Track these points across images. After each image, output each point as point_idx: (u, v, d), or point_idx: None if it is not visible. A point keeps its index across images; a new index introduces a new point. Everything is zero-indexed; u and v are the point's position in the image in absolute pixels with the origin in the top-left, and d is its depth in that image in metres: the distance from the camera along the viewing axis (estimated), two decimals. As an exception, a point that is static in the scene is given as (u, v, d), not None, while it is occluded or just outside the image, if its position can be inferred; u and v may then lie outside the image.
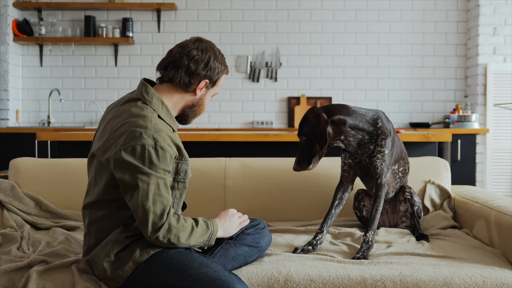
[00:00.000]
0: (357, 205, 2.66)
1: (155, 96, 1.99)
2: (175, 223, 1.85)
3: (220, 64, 2.05)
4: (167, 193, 1.87)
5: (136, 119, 1.89)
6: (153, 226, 1.83)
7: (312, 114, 2.27)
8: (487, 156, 5.52)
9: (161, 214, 1.83)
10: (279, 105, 5.89)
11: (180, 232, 1.86)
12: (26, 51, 5.88)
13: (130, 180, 1.84)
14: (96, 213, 1.96)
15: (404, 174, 2.59)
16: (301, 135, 2.31)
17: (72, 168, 2.82)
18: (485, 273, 2.04)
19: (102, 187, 1.93)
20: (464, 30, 5.86)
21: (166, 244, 1.87)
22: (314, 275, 2.01)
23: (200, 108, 2.08)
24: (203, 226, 1.95)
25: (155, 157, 1.84)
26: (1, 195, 2.67)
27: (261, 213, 2.78)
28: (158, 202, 1.84)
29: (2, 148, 5.18)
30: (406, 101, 5.91)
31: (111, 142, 1.89)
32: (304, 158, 2.30)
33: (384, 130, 2.37)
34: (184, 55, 1.99)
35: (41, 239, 2.41)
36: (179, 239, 1.86)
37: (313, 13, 5.88)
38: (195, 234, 1.91)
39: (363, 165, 2.44)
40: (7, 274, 1.94)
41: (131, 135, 1.85)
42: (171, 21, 5.81)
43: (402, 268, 2.05)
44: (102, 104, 5.88)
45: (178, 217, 1.88)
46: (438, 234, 2.55)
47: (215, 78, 2.04)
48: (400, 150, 2.53)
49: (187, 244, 1.90)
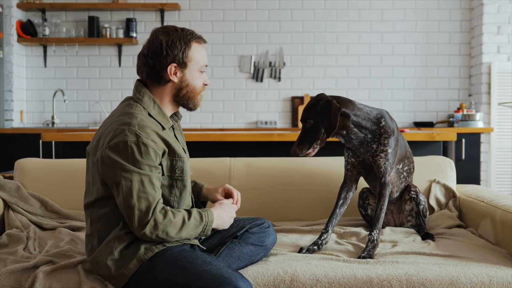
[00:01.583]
0: (361, 203, 2.65)
1: (147, 94, 1.98)
2: (162, 219, 1.84)
3: (179, 41, 1.95)
4: (153, 190, 1.86)
5: (123, 117, 1.91)
6: (139, 222, 1.83)
7: (323, 100, 2.25)
8: (492, 155, 5.51)
9: (146, 210, 1.83)
10: (283, 104, 5.89)
11: (168, 227, 1.85)
12: (30, 52, 5.89)
13: (114, 177, 1.84)
14: (97, 212, 1.96)
15: (409, 174, 2.59)
16: (306, 119, 2.28)
17: (77, 169, 2.83)
18: (491, 272, 2.03)
19: (99, 186, 1.93)
20: (468, 29, 5.85)
21: (156, 239, 1.87)
22: (320, 274, 2.01)
23: (189, 88, 2.01)
24: (197, 217, 1.94)
25: (138, 153, 1.84)
26: (7, 195, 2.67)
27: (266, 212, 2.78)
28: (143, 198, 1.83)
29: (6, 148, 5.19)
30: (410, 100, 5.90)
31: (102, 141, 1.90)
32: (305, 142, 2.27)
33: (387, 129, 2.36)
34: (141, 55, 1.99)
35: (47, 239, 2.42)
36: (167, 234, 1.86)
37: (317, 12, 5.87)
38: (187, 228, 1.90)
39: (366, 164, 2.44)
40: (13, 275, 1.94)
41: (115, 133, 1.86)
42: (175, 21, 5.81)
43: (408, 268, 2.05)
44: (106, 104, 5.89)
45: (165, 212, 1.86)
46: (443, 234, 2.55)
47: (181, 57, 1.95)
48: (404, 149, 2.53)
49: (178, 238, 1.90)
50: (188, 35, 1.98)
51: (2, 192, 2.67)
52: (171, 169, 1.96)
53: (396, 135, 2.41)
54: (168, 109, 2.04)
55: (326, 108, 2.23)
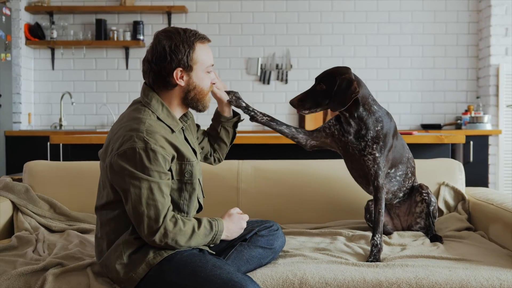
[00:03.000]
0: (368, 217, 2.62)
1: (155, 98, 1.97)
2: (172, 227, 1.84)
3: (182, 44, 1.92)
4: (162, 197, 1.84)
5: (131, 123, 1.89)
6: (148, 229, 1.82)
7: (346, 76, 2.22)
8: (500, 157, 5.49)
9: (156, 218, 1.82)
10: (290, 107, 5.88)
11: (178, 236, 1.85)
12: (38, 55, 5.91)
13: (123, 184, 1.83)
14: (106, 215, 1.96)
15: (404, 179, 2.50)
16: (320, 82, 2.25)
17: (86, 171, 2.83)
18: (502, 276, 2.02)
19: (108, 190, 1.93)
20: (475, 31, 5.83)
21: (165, 247, 1.87)
22: (329, 278, 2.01)
23: (197, 90, 1.99)
24: (207, 227, 1.93)
25: (146, 160, 1.82)
26: (16, 198, 2.68)
27: (274, 215, 2.78)
28: (152, 206, 1.82)
29: (14, 151, 5.21)
30: (417, 103, 5.88)
31: (110, 147, 1.89)
32: (308, 102, 2.24)
33: (380, 135, 2.31)
34: (146, 60, 1.98)
35: (56, 241, 2.42)
36: (177, 242, 1.86)
37: (324, 14, 5.87)
38: (196, 237, 1.90)
39: (347, 149, 2.37)
40: (23, 277, 1.95)
41: (124, 139, 1.85)
42: (182, 24, 5.82)
43: (417, 271, 2.04)
44: (113, 107, 5.91)
45: (176, 221, 1.86)
46: (452, 236, 2.53)
47: (186, 60, 1.93)
48: (400, 155, 2.44)
49: (187, 246, 1.90)
50: (191, 37, 1.94)
51: (11, 195, 2.69)
52: (180, 173, 1.96)
53: (389, 141, 2.34)
54: (177, 111, 2.02)
55: (345, 85, 2.21)
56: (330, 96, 2.23)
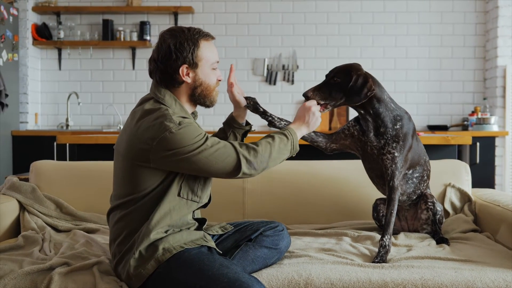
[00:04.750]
0: (376, 215, 2.62)
1: (168, 93, 1.99)
2: (247, 153, 1.93)
3: (186, 42, 1.96)
4: (218, 144, 1.91)
5: (152, 115, 1.91)
6: (234, 170, 1.92)
7: (362, 73, 2.24)
8: (506, 159, 5.46)
9: (231, 158, 1.90)
10: (296, 108, 5.88)
11: (259, 155, 1.95)
12: (45, 55, 5.94)
13: (188, 165, 1.88)
14: (120, 213, 1.97)
15: (420, 181, 2.48)
16: (335, 77, 2.24)
17: (92, 171, 2.84)
18: (508, 277, 2.01)
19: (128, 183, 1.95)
20: (482, 32, 5.81)
21: (255, 173, 1.96)
22: (335, 278, 2.00)
23: (204, 87, 2.03)
24: (281, 137, 2.04)
25: (186, 135, 1.86)
26: (22, 197, 2.70)
27: (279, 216, 2.78)
28: (219, 155, 1.89)
29: (21, 150, 5.23)
30: (424, 104, 5.87)
31: (138, 145, 1.89)
32: (322, 95, 2.23)
33: (400, 134, 2.30)
34: (152, 60, 2.01)
35: (62, 241, 2.43)
36: (262, 161, 1.96)
37: (330, 15, 5.86)
38: (275, 149, 1.99)
39: (366, 149, 2.37)
40: (29, 276, 1.95)
41: (154, 129, 1.86)
42: (188, 25, 5.81)
43: (423, 272, 2.03)
44: (120, 107, 5.92)
45: (247, 146, 1.95)
46: (459, 238, 2.52)
47: (191, 57, 1.96)
48: (418, 156, 2.43)
49: (273, 163, 2.00)
50: (195, 34, 1.98)
51: (18, 194, 2.70)
52: None
53: (409, 141, 2.33)
54: (186, 108, 2.05)
55: (361, 82, 2.21)
56: (345, 91, 2.22)
